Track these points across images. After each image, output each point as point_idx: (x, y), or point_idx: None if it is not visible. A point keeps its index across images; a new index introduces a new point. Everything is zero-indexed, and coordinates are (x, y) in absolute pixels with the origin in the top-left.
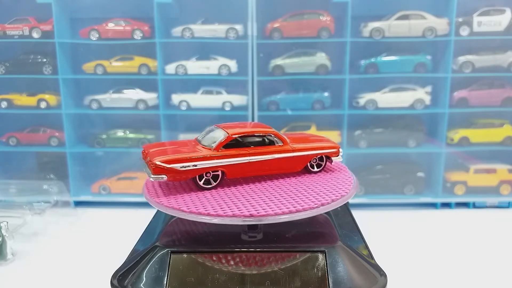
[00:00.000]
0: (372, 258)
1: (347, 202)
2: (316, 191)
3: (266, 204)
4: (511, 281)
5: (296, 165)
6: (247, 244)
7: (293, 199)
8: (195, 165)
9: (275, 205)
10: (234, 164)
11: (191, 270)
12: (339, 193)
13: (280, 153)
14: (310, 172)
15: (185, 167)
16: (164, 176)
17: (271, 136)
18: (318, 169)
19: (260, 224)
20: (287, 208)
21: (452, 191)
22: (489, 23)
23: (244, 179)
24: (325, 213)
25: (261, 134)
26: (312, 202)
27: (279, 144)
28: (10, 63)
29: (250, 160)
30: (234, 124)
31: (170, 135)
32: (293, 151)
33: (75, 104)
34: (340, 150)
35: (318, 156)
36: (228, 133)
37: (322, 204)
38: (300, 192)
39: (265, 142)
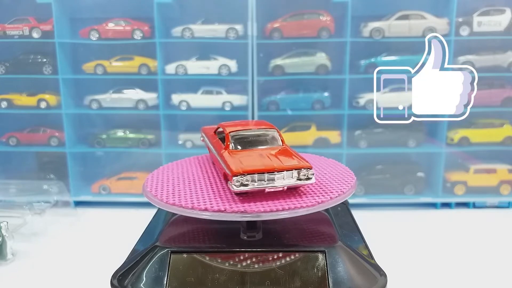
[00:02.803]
0: (372, 258)
1: (347, 202)
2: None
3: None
4: (511, 281)
5: (220, 173)
6: (247, 244)
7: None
8: (202, 137)
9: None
10: (208, 147)
11: (191, 270)
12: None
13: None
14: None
15: (202, 136)
16: (201, 138)
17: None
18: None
19: (242, 223)
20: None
21: (452, 191)
22: (489, 23)
23: None
24: (325, 212)
25: (223, 133)
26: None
27: (223, 146)
28: (10, 63)
29: (210, 148)
30: (239, 122)
31: (170, 135)
32: (220, 156)
33: (75, 104)
34: (235, 179)
35: None
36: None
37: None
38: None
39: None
